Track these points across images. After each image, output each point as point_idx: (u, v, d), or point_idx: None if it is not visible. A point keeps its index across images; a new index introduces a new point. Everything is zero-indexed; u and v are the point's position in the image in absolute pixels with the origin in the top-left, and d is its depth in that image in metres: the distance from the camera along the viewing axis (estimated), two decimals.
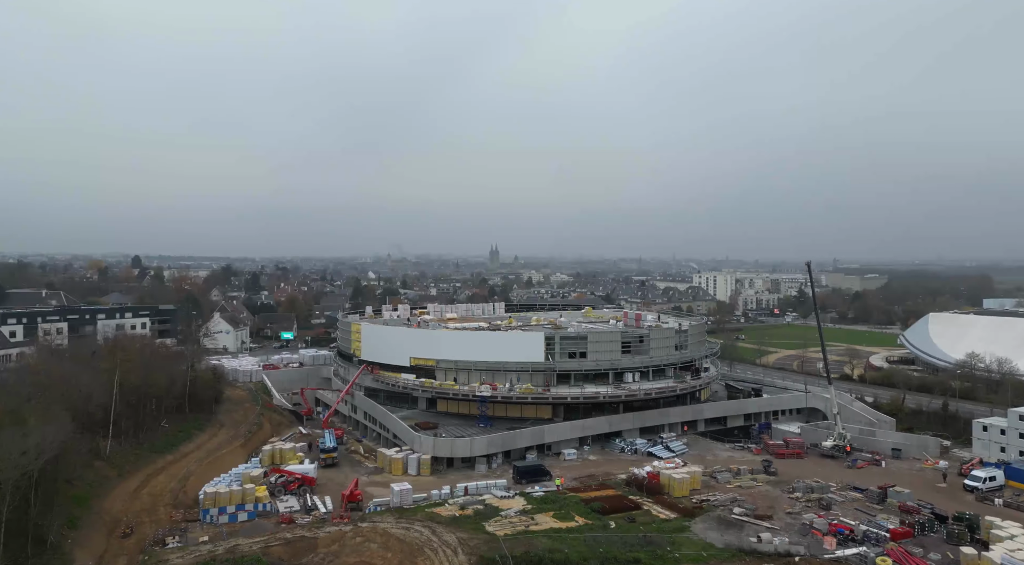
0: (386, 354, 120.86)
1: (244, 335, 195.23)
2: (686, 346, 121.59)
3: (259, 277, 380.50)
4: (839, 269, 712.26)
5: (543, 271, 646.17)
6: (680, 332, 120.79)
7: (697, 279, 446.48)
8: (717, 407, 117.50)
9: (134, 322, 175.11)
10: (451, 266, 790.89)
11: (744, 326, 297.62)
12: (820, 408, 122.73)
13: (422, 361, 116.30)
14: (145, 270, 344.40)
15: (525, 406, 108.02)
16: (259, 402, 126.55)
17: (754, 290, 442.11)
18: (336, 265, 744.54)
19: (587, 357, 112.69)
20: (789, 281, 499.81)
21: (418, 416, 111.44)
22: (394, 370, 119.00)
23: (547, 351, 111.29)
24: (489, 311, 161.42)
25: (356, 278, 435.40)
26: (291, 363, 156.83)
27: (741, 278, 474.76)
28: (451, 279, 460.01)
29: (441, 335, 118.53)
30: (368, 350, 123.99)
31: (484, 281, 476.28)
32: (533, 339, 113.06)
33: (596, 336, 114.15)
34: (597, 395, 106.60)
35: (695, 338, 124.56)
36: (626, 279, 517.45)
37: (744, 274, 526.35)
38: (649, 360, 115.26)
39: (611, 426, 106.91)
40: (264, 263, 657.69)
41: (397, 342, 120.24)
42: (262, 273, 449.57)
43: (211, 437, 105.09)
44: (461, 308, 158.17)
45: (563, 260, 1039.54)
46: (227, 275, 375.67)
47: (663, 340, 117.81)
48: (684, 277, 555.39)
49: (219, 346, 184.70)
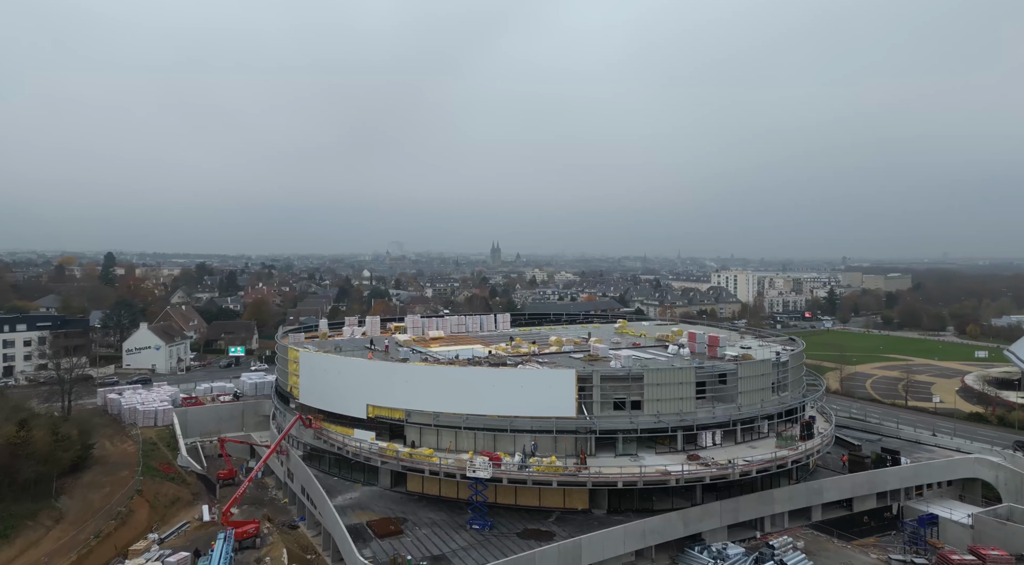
0: (332, 398, 77.99)
1: (183, 351, 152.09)
2: (787, 386, 78.62)
3: (237, 276, 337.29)
4: (852, 268, 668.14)
5: (546, 270, 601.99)
6: (778, 365, 77.81)
7: (716, 278, 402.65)
8: (841, 484, 74.13)
9: (29, 337, 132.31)
10: (451, 264, 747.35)
11: (779, 333, 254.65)
12: (983, 478, 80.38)
13: (385, 412, 73.57)
14: (110, 268, 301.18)
15: (547, 491, 65.40)
16: (146, 465, 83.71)
17: (777, 291, 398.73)
18: (332, 263, 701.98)
19: (643, 408, 69.85)
20: (810, 280, 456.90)
21: (375, 500, 68.73)
22: (344, 423, 76.31)
23: (581, 400, 68.55)
24: (489, 325, 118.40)
25: (347, 277, 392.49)
26: (223, 395, 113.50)
27: (761, 278, 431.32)
28: (449, 278, 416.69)
29: (414, 372, 75.06)
30: (308, 390, 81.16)
31: (485, 280, 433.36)
32: (559, 381, 70.03)
33: (657, 375, 71.04)
34: (667, 475, 63.47)
35: (795, 373, 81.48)
36: (634, 278, 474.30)
37: (761, 273, 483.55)
38: (737, 411, 72.38)
39: (687, 526, 64.05)
40: (259, 261, 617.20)
41: (348, 380, 77.30)
42: (245, 271, 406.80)
43: (28, 545, 62.28)
44: (452, 322, 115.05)
45: (565, 258, 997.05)
46: (201, 274, 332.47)
47: (755, 378, 74.83)
48: (692, 275, 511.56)
49: (147, 367, 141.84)
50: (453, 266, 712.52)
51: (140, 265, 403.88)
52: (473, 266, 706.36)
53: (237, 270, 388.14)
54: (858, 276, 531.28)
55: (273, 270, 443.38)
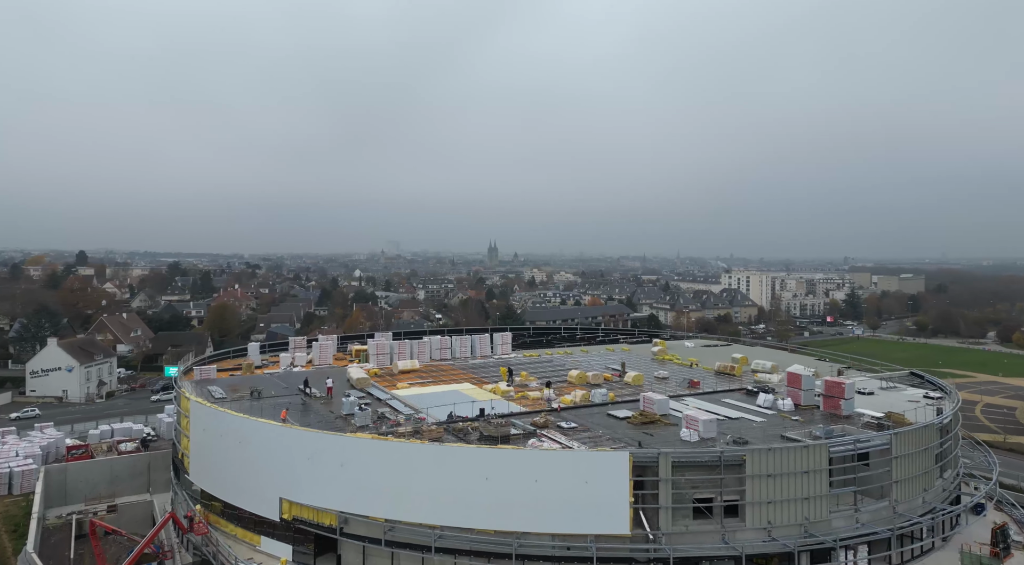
0: (230, 483, 48.14)
1: (106, 371, 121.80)
2: (951, 463, 49.11)
3: (213, 277, 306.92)
4: (856, 268, 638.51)
5: (545, 270, 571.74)
6: (943, 428, 48.21)
7: (727, 279, 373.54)
8: None
9: None
10: (447, 264, 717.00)
11: (808, 341, 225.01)
12: None
13: (308, 514, 43.75)
14: (71, 268, 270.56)
15: None
16: None
17: (790, 292, 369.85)
18: (326, 262, 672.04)
19: (744, 516, 40.22)
20: (824, 281, 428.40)
21: None
22: (248, 525, 46.54)
23: (639, 503, 38.93)
24: (484, 346, 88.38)
25: (334, 278, 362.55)
26: (125, 440, 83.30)
27: (772, 278, 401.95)
28: (443, 279, 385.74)
29: (356, 450, 44.77)
30: (200, 466, 51.29)
31: (481, 281, 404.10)
32: (602, 471, 40.12)
33: (767, 459, 41.21)
34: None
35: (955, 440, 51.79)
36: (636, 279, 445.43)
37: (765, 273, 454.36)
38: (893, 514, 42.78)
39: None
40: (252, 260, 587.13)
41: (253, 457, 47.32)
42: (226, 271, 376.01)
43: None
44: (433, 344, 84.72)
45: (564, 258, 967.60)
46: (172, 274, 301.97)
47: (915, 456, 45.21)
48: (696, 276, 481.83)
49: (55, 393, 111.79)
50: (449, 266, 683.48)
51: (114, 264, 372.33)
52: (470, 266, 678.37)
53: (215, 270, 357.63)
54: (866, 276, 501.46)
55: (258, 270, 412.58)
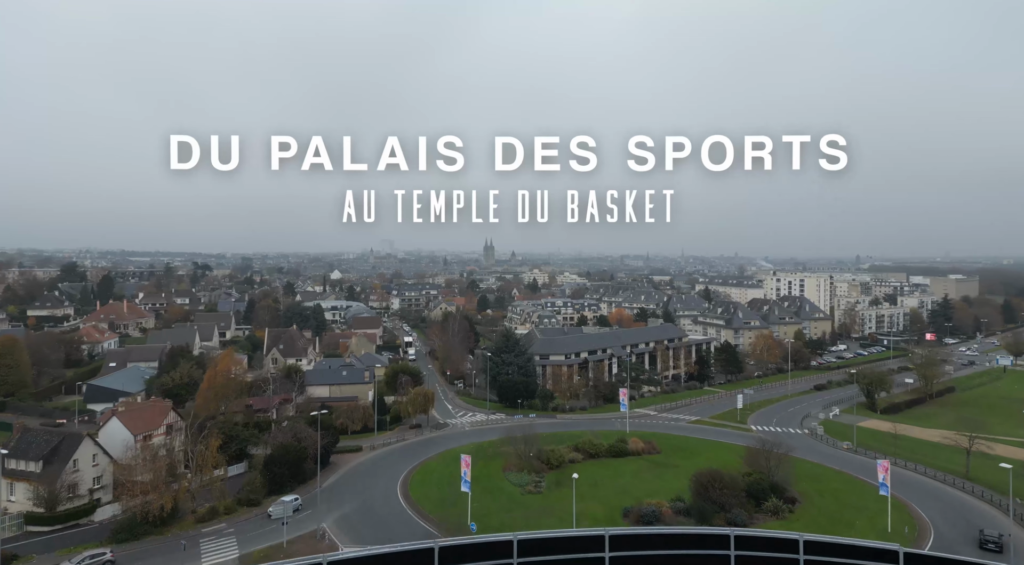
0: None
1: None
2: None
3: (118, 280, 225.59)
4: (876, 267, 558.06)
5: (546, 270, 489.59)
6: None
7: (774, 282, 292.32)
8: None
9: None
10: (440, 263, 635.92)
11: (954, 381, 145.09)
12: None
13: None
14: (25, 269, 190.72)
15: None
16: None
17: (852, 299, 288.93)
18: (311, 262, 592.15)
19: None
20: (878, 283, 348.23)
21: None
22: None
23: None
24: None
25: (289, 283, 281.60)
26: None
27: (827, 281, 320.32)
28: (426, 284, 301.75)
29: None
30: None
31: (474, 283, 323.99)
32: None
33: None
34: None
35: None
36: (649, 281, 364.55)
37: (827, 275, 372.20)
38: None
39: None
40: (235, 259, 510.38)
41: None
42: (148, 273, 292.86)
43: None
44: None
45: (563, 256, 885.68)
46: (62, 278, 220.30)
47: None
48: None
49: None
50: (442, 266, 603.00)
51: (90, 268, 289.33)
52: (465, 265, 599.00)
53: (144, 273, 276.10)
54: (902, 277, 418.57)
55: (207, 271, 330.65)
